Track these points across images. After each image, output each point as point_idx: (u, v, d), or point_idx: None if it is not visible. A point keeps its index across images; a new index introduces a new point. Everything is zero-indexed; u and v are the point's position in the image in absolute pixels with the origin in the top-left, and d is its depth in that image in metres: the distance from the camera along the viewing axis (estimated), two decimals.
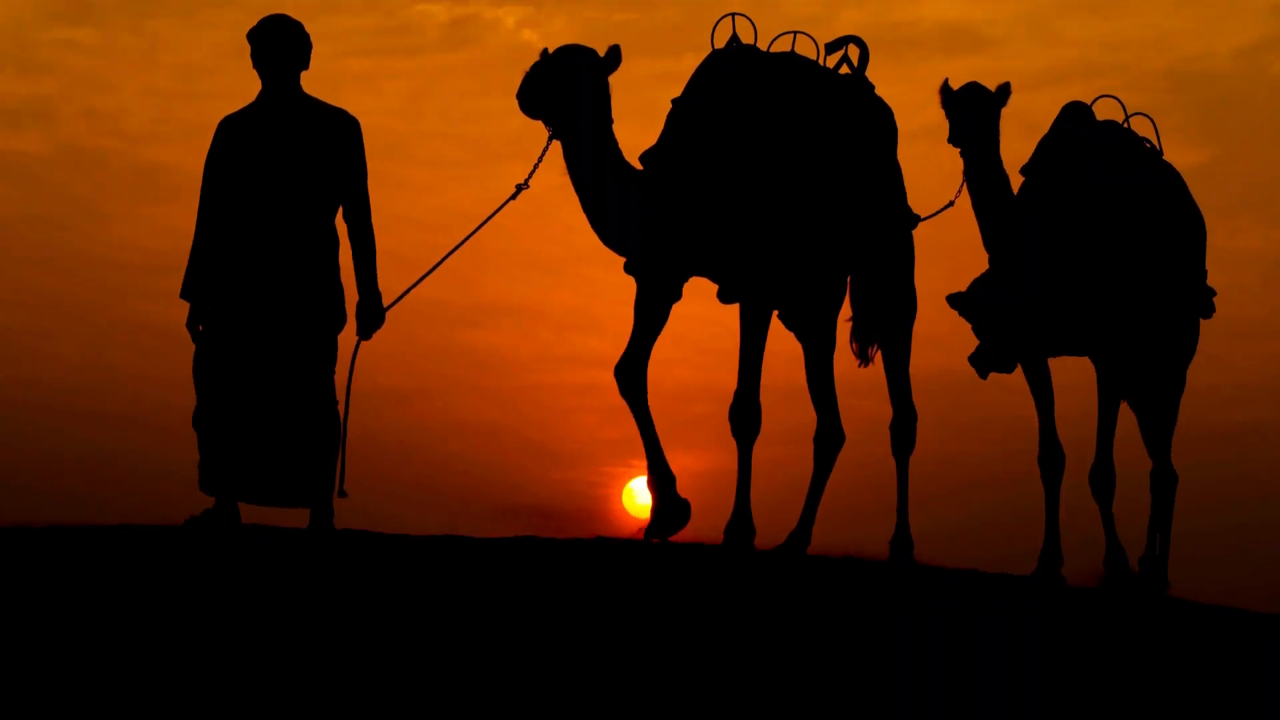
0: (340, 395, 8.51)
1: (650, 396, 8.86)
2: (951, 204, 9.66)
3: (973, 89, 9.46)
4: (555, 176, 8.92)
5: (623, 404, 8.86)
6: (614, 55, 8.88)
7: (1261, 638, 8.37)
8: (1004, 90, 9.45)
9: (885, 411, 9.35)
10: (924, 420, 9.51)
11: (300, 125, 8.52)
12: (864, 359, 9.64)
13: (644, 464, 8.90)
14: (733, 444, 9.06)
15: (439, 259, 8.84)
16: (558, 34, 17.74)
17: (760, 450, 9.15)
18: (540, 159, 8.89)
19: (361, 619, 6.62)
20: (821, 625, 7.26)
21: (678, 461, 8.84)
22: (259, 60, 8.55)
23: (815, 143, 9.06)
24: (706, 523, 8.96)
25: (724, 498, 9.04)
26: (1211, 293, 10.03)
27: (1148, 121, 10.12)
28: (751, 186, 8.88)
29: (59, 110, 17.91)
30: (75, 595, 6.65)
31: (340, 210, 8.57)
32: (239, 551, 7.41)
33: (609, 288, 8.79)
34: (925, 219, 9.58)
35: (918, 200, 9.59)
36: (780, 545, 9.11)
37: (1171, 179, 9.99)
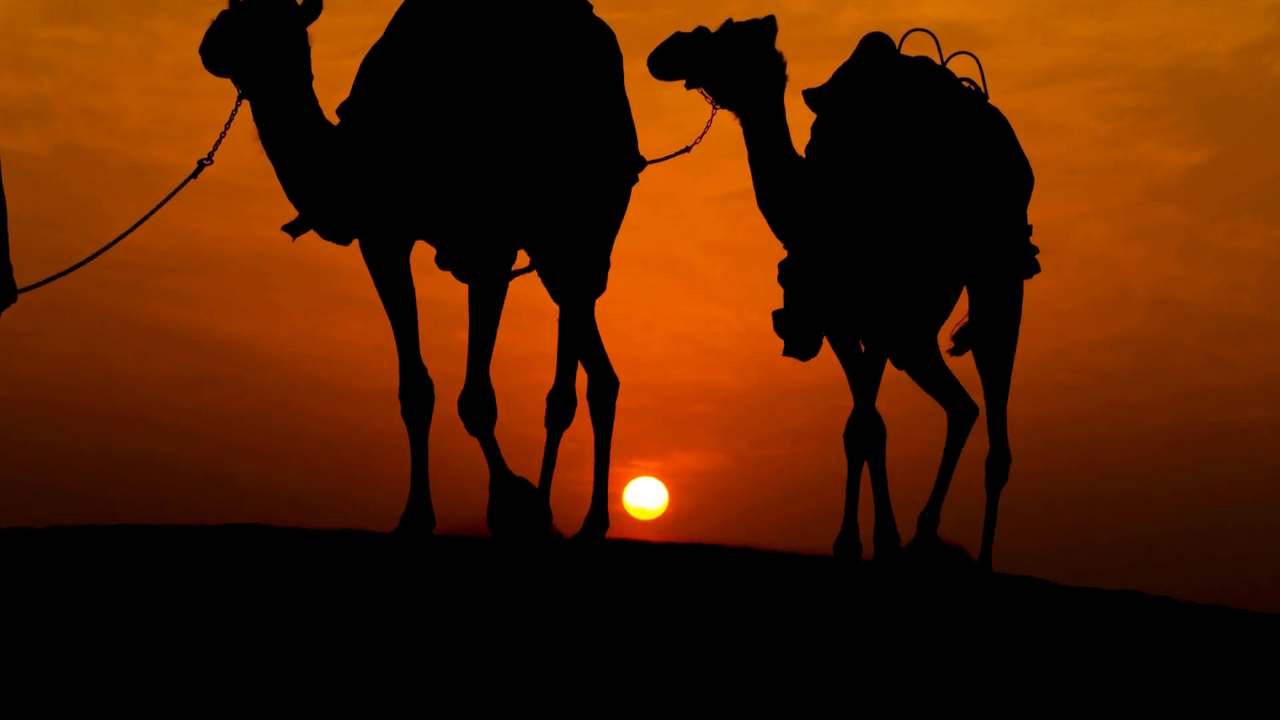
0: None
1: (650, 396, 8.56)
2: (688, 149, 8.78)
3: (736, 25, 8.63)
4: None
5: (624, 405, 8.55)
6: (313, 2, 7.78)
7: (1261, 638, 8.37)
8: (769, 23, 8.63)
9: (889, 412, 9.21)
10: (921, 420, 9.37)
11: None
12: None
13: (644, 464, 8.81)
14: (734, 444, 8.99)
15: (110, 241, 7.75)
16: None
17: (758, 450, 9.11)
18: (228, 124, 7.80)
19: (362, 619, 6.62)
20: (821, 625, 7.26)
21: (676, 461, 8.81)
22: None
23: (522, 72, 8.06)
24: (707, 523, 8.95)
25: (724, 498, 9.03)
26: (1034, 250, 9.25)
27: (971, 61, 9.24)
28: (450, 130, 7.93)
29: (57, 110, 17.89)
30: (75, 595, 6.65)
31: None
32: (239, 552, 7.41)
33: (608, 287, 8.73)
34: (654, 162, 8.60)
35: None
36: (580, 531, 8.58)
37: (993, 124, 9.21)
